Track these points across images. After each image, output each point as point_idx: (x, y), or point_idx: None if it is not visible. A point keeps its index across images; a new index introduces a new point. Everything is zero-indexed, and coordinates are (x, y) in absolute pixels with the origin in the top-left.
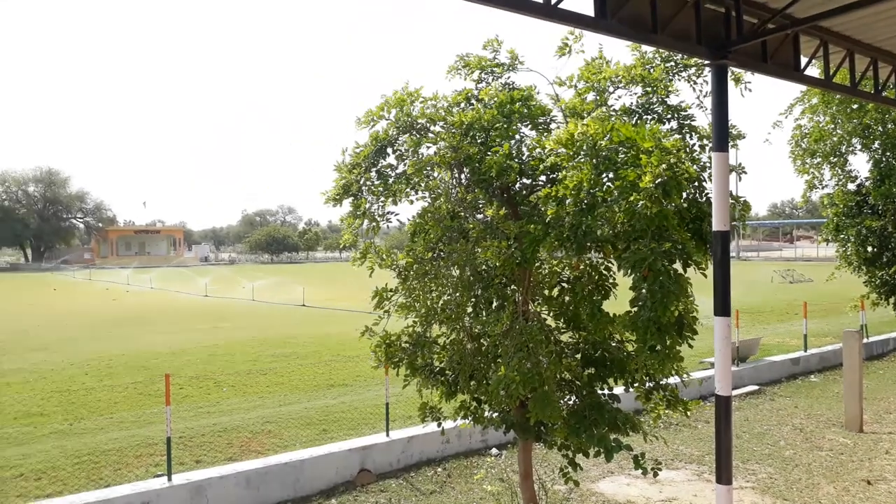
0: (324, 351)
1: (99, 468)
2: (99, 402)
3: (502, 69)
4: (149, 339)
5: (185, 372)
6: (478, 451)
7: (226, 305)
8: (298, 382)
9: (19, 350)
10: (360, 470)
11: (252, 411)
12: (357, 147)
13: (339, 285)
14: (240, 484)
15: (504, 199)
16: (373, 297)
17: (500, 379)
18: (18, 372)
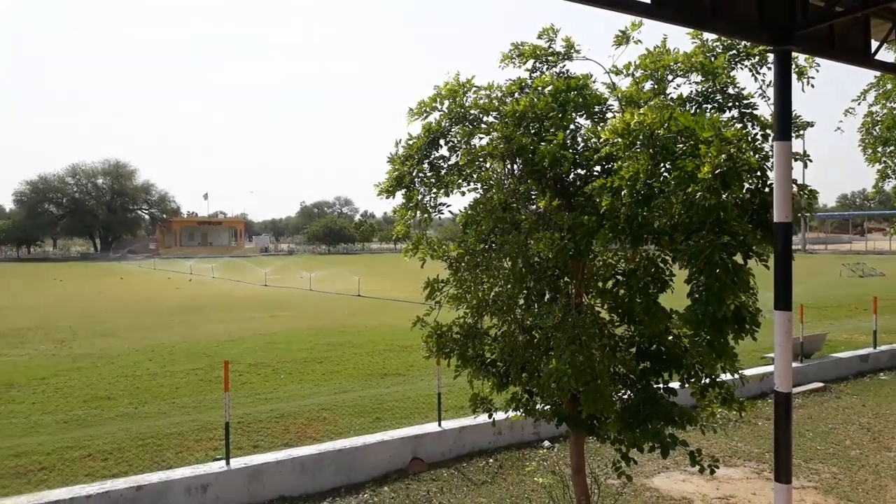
0: (378, 340)
1: (161, 451)
2: (162, 388)
3: (557, 58)
4: (210, 327)
5: (244, 359)
6: (530, 444)
7: (284, 295)
8: (353, 371)
9: (88, 336)
10: (413, 458)
11: (308, 398)
12: (410, 139)
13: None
14: (295, 469)
15: (557, 189)
16: (424, 287)
17: (552, 372)
18: (87, 357)
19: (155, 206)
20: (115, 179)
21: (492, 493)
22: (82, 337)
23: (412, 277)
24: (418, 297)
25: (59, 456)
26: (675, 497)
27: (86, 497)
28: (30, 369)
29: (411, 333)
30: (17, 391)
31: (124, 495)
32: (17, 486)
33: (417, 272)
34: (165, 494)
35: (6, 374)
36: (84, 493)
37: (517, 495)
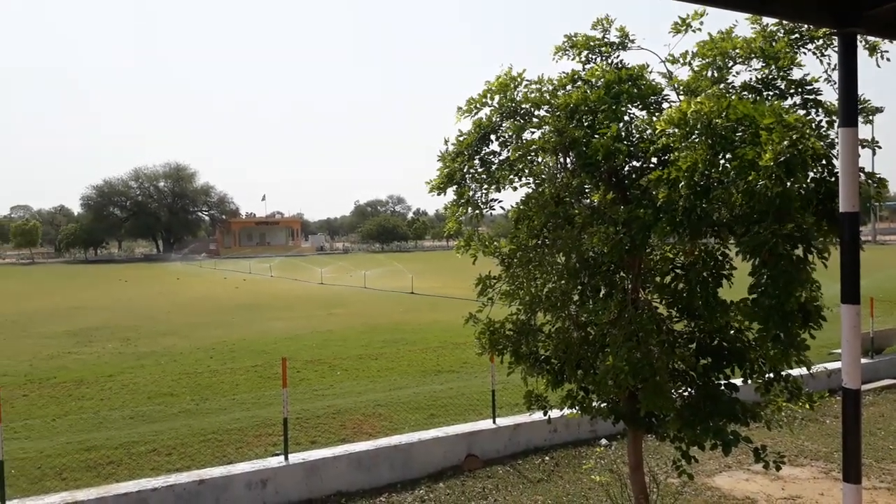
0: (431, 337)
1: (223, 446)
2: (222, 384)
3: (610, 48)
4: (268, 325)
5: (301, 356)
6: (586, 441)
7: (339, 293)
8: (407, 368)
9: (152, 335)
10: (468, 455)
11: (364, 395)
12: (460, 136)
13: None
14: (352, 464)
15: (612, 183)
16: (476, 284)
17: (608, 369)
18: (151, 355)
19: (214, 208)
20: (176, 182)
21: (548, 490)
22: (146, 336)
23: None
24: (471, 293)
25: (126, 450)
26: (738, 497)
27: (152, 490)
28: (98, 367)
29: (464, 330)
30: (86, 388)
31: (188, 489)
32: (87, 479)
33: (469, 269)
34: (227, 488)
35: (76, 372)
36: (150, 486)
37: (574, 493)
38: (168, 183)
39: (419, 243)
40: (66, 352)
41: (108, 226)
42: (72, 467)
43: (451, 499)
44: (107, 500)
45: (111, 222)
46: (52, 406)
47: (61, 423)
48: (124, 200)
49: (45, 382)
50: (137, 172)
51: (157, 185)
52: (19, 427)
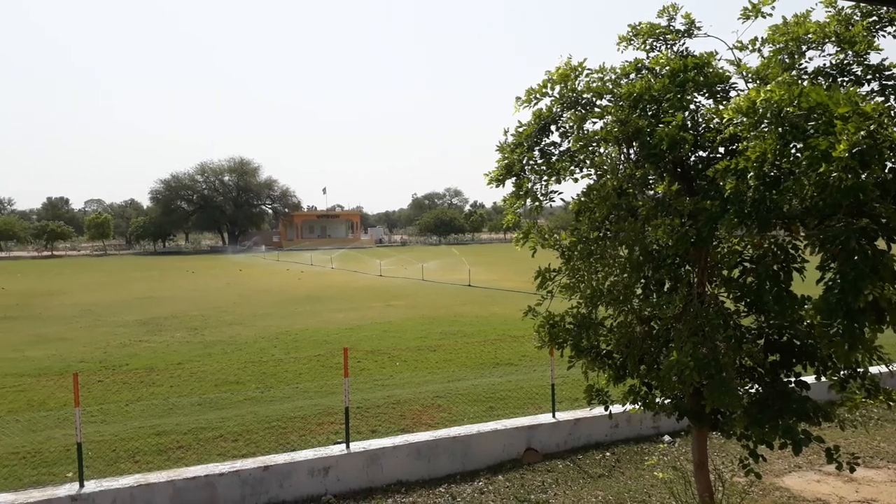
0: (489, 330)
1: (286, 433)
2: (286, 373)
3: (676, 36)
4: (329, 316)
5: (361, 346)
6: (648, 438)
7: (398, 285)
8: (465, 360)
9: (218, 324)
10: (527, 449)
11: (422, 386)
12: (519, 126)
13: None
14: (411, 455)
15: (677, 173)
16: (535, 277)
17: (672, 364)
18: (218, 343)
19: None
20: (241, 176)
21: (609, 486)
22: (213, 325)
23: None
24: (529, 286)
25: (195, 436)
26: (809, 498)
27: (219, 475)
28: (167, 355)
29: (523, 323)
30: (156, 375)
31: (253, 475)
32: (158, 462)
33: (528, 261)
34: (290, 475)
35: (147, 360)
36: (217, 471)
37: (636, 490)
38: (233, 177)
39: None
40: (138, 340)
41: (176, 219)
42: (144, 451)
43: (511, 492)
44: (176, 483)
45: (178, 215)
46: (125, 392)
47: (134, 408)
48: (191, 194)
49: (118, 369)
50: (203, 167)
51: (222, 179)
52: (95, 411)
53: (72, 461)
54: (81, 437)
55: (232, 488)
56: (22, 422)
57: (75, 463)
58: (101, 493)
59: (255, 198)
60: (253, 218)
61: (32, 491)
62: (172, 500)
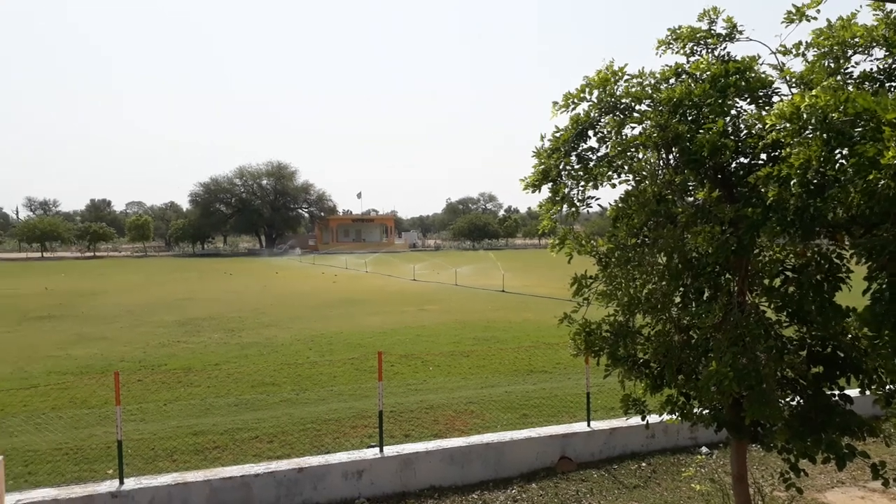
0: (523, 336)
1: (321, 435)
2: (321, 375)
3: (717, 40)
4: (364, 320)
5: (395, 350)
6: (686, 449)
7: (431, 289)
8: (499, 366)
9: (255, 326)
10: (561, 457)
11: (456, 391)
12: (556, 132)
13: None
14: (444, 460)
15: (717, 180)
16: (571, 284)
17: (711, 374)
18: (254, 345)
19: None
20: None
21: (645, 497)
22: (250, 327)
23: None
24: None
25: (231, 436)
26: None
27: (254, 476)
28: (205, 356)
29: (557, 330)
30: (194, 375)
31: (288, 476)
32: (195, 462)
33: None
34: (324, 478)
35: (185, 360)
36: (253, 471)
37: (672, 501)
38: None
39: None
40: (176, 340)
41: (215, 221)
42: (181, 450)
43: (544, 500)
44: (213, 483)
45: (217, 218)
46: (163, 391)
47: (172, 407)
48: (229, 197)
49: (157, 369)
50: (242, 171)
51: (260, 182)
52: (135, 410)
53: (112, 458)
54: (122, 435)
55: (267, 489)
56: (65, 419)
57: (115, 460)
58: (140, 491)
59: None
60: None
61: (74, 487)
62: (209, 499)
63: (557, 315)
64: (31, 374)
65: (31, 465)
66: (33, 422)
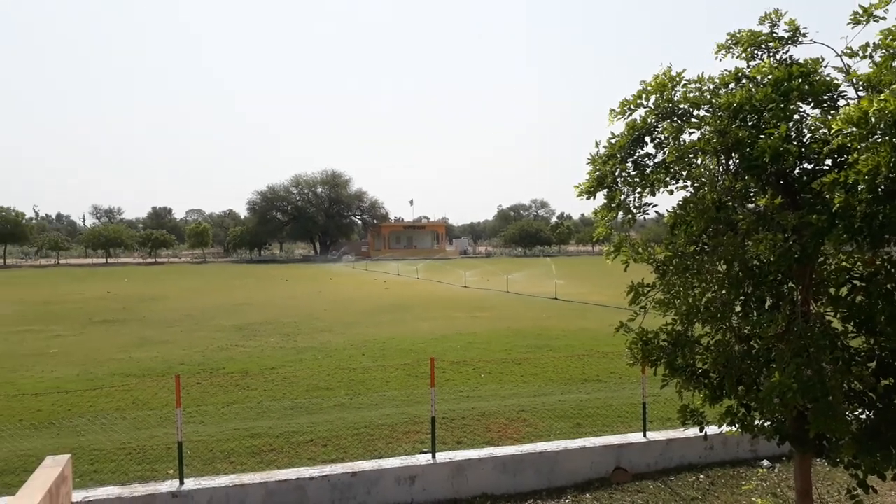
0: (576, 345)
1: (373, 440)
2: (374, 380)
3: (779, 43)
4: (415, 325)
5: (446, 357)
6: (746, 462)
7: (482, 296)
8: (552, 374)
9: (310, 331)
10: (616, 468)
11: (508, 399)
12: (612, 138)
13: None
14: (497, 468)
15: (780, 186)
16: (628, 292)
17: (774, 385)
18: (309, 350)
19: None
20: (332, 188)
21: None
22: (305, 332)
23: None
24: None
25: (286, 440)
26: None
27: (309, 479)
28: (261, 360)
29: (612, 339)
30: (251, 379)
31: (341, 480)
32: (251, 464)
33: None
34: (377, 482)
35: (243, 364)
36: (307, 475)
37: None
38: (325, 189)
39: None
40: (234, 345)
41: (271, 228)
42: (238, 452)
43: None
44: (269, 485)
45: (273, 225)
46: (221, 394)
47: (229, 410)
48: (286, 205)
49: (215, 372)
50: (298, 179)
51: (315, 190)
52: (194, 412)
53: (172, 459)
54: (182, 436)
55: (321, 492)
56: (128, 419)
57: (176, 460)
58: (199, 491)
59: (345, 209)
60: (343, 228)
61: (137, 486)
62: (265, 501)
63: (612, 323)
64: (96, 375)
65: (96, 464)
66: (99, 422)
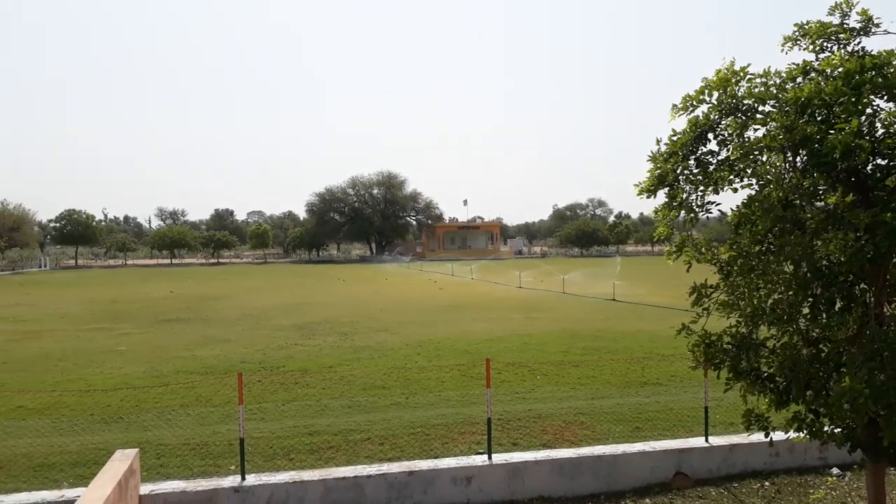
0: (635, 347)
1: (429, 440)
2: (429, 380)
3: (850, 35)
4: (470, 326)
5: (501, 358)
6: (814, 469)
7: (538, 297)
8: (610, 377)
9: (366, 331)
10: (676, 473)
11: (564, 401)
12: (673, 135)
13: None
14: (554, 471)
15: (851, 183)
16: (690, 293)
17: (844, 391)
18: (366, 349)
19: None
20: (388, 189)
21: None
22: (361, 331)
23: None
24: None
25: (344, 437)
26: None
27: (367, 477)
28: (320, 358)
29: (673, 341)
30: (310, 377)
31: (398, 479)
32: (310, 461)
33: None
34: (433, 482)
35: (302, 362)
36: (365, 472)
37: None
38: (381, 190)
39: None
40: (293, 343)
41: (329, 230)
42: (297, 449)
43: None
44: (328, 482)
45: (331, 226)
46: (281, 392)
47: (289, 407)
48: (343, 206)
49: (275, 370)
50: (354, 181)
51: (371, 192)
52: (255, 409)
53: (234, 455)
54: (244, 433)
55: (378, 491)
56: (192, 416)
57: (237, 456)
58: (260, 487)
59: (400, 210)
60: (398, 229)
61: (201, 480)
62: (323, 498)
63: (672, 325)
64: (162, 372)
65: (162, 458)
66: (164, 418)
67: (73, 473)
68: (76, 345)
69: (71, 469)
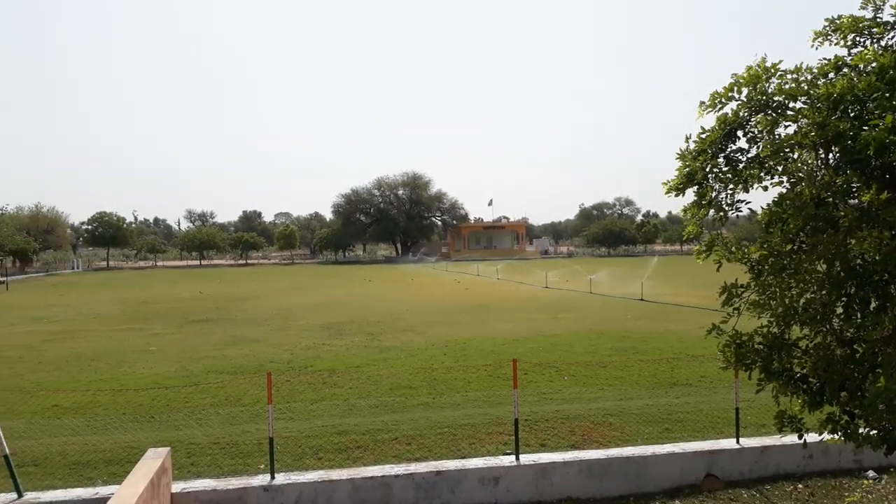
0: (664, 347)
1: (457, 440)
2: (456, 381)
3: (883, 29)
4: (496, 326)
5: (528, 358)
6: (849, 472)
7: (564, 297)
8: (638, 378)
9: (393, 331)
10: (707, 475)
11: (592, 402)
12: (702, 133)
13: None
14: (582, 472)
15: (885, 180)
16: (720, 293)
17: (880, 392)
18: (392, 349)
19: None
20: (413, 190)
21: None
22: (388, 331)
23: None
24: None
25: (372, 437)
26: None
27: (394, 476)
28: (347, 358)
29: (702, 342)
30: (337, 377)
31: (426, 479)
32: (338, 461)
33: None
34: (461, 482)
35: (329, 362)
36: (393, 472)
37: None
38: (406, 191)
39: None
40: (321, 343)
41: (355, 230)
42: (326, 448)
43: None
44: (356, 481)
45: (357, 227)
46: (309, 392)
47: (317, 407)
48: (368, 207)
49: (303, 370)
50: (380, 182)
51: (396, 192)
52: (284, 408)
53: (263, 454)
54: (273, 431)
55: (406, 490)
56: (222, 415)
57: (267, 455)
58: (289, 486)
59: (425, 210)
60: (423, 229)
61: (231, 479)
62: (351, 496)
63: (702, 325)
64: (192, 372)
65: (193, 457)
66: (195, 417)
67: (106, 471)
68: (108, 345)
69: (105, 467)
